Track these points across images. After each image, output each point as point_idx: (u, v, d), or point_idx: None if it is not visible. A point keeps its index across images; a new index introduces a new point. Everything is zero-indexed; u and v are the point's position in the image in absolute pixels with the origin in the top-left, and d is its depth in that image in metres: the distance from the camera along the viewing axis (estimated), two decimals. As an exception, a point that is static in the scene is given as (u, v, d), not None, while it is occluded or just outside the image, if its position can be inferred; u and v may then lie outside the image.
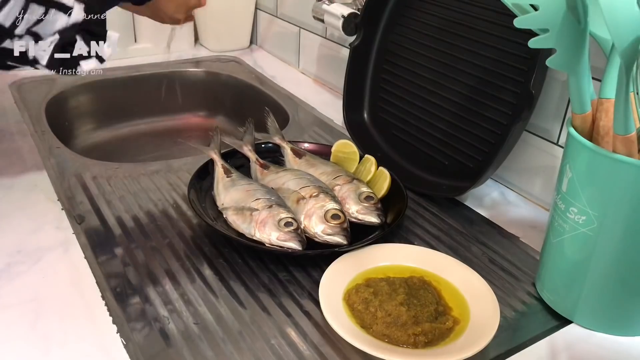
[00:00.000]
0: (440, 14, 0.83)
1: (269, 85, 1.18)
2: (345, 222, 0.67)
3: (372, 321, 0.57)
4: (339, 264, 0.64)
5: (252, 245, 0.66)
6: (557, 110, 0.75)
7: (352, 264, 0.64)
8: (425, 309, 0.57)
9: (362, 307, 0.58)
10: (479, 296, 0.61)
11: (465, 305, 0.60)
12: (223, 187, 0.74)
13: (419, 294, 0.60)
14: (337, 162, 0.82)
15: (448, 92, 0.82)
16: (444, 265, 0.65)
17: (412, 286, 0.61)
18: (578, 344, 0.57)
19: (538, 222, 0.76)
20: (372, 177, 0.77)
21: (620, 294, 0.57)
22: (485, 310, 0.58)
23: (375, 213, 0.70)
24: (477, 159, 0.78)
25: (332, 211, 0.67)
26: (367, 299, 0.58)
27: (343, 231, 0.66)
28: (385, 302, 0.58)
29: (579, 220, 0.55)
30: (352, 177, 0.75)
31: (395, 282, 0.61)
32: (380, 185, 0.75)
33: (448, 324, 0.57)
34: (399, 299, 0.58)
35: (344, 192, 0.72)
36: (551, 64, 0.52)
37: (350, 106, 0.95)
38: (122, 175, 0.81)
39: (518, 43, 0.73)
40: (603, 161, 0.52)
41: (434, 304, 0.59)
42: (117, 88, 1.18)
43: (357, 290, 0.60)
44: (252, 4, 1.35)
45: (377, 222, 0.69)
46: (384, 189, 0.75)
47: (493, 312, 0.58)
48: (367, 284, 0.61)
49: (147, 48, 1.30)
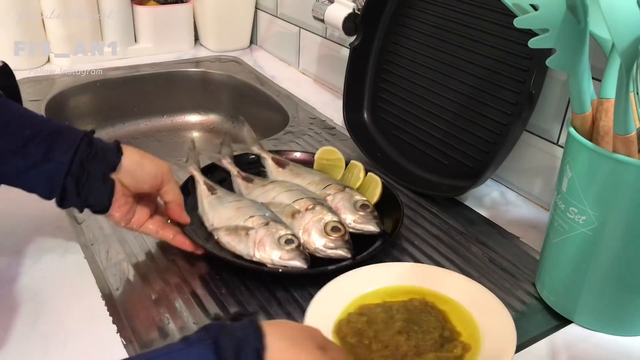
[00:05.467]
0: (440, 14, 0.83)
1: (269, 85, 1.18)
2: (346, 234, 0.64)
3: (367, 355, 0.50)
4: (328, 291, 0.57)
5: (253, 267, 0.62)
6: (557, 110, 0.75)
7: (342, 290, 0.58)
8: (428, 336, 0.51)
9: (354, 340, 0.52)
10: (490, 316, 0.54)
11: (475, 327, 0.54)
12: (209, 205, 0.69)
13: (420, 319, 0.54)
14: (321, 170, 0.78)
15: (448, 92, 0.82)
16: (450, 283, 0.59)
17: (412, 310, 0.55)
18: (578, 344, 0.57)
19: (538, 222, 0.76)
20: (361, 183, 0.75)
21: (620, 294, 0.57)
22: (499, 332, 0.52)
23: (373, 222, 0.67)
24: (477, 159, 0.78)
25: (332, 223, 0.64)
26: (360, 329, 0.52)
27: (345, 244, 0.63)
28: (381, 332, 0.52)
29: (579, 220, 0.55)
30: (343, 185, 0.72)
31: (393, 307, 0.55)
32: (372, 192, 0.73)
33: (456, 352, 0.51)
34: (396, 326, 0.52)
35: (338, 202, 0.69)
36: (551, 64, 0.52)
37: (350, 106, 0.95)
38: (122, 175, 0.81)
39: (518, 43, 0.73)
40: (603, 161, 0.52)
41: (438, 329, 0.53)
42: (117, 88, 1.18)
43: (348, 321, 0.54)
44: (252, 4, 1.35)
45: (376, 230, 0.67)
46: (376, 195, 0.72)
47: (508, 333, 0.51)
48: (360, 312, 0.55)
49: (147, 48, 1.30)
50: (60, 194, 0.57)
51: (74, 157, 0.56)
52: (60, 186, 0.56)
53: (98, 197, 0.58)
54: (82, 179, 0.57)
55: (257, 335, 0.39)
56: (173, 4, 1.31)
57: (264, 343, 0.39)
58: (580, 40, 0.51)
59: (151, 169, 0.61)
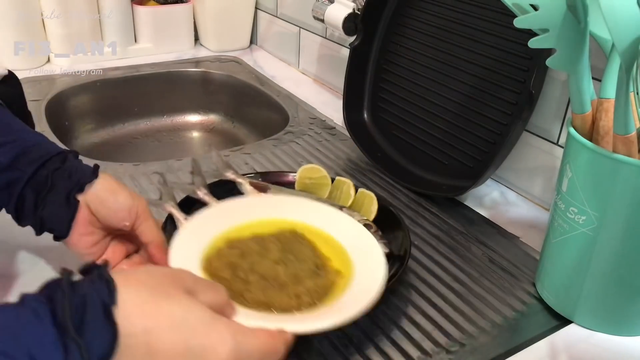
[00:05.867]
0: (440, 14, 0.83)
1: (269, 85, 1.18)
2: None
3: (244, 288, 0.47)
4: (191, 228, 0.54)
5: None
6: (557, 110, 0.75)
7: (206, 226, 0.54)
8: (304, 264, 0.50)
9: (228, 274, 0.49)
10: (359, 243, 0.54)
11: (345, 254, 0.54)
12: None
13: (294, 249, 0.52)
14: (305, 191, 0.71)
15: (448, 92, 0.82)
16: (316, 214, 0.58)
17: (284, 241, 0.53)
18: (578, 344, 0.57)
19: (538, 222, 0.76)
20: (353, 201, 0.70)
21: (620, 294, 0.57)
22: (369, 257, 0.52)
23: (381, 242, 0.61)
24: (477, 159, 0.78)
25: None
26: (234, 262, 0.49)
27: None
28: (257, 263, 0.49)
29: (579, 220, 0.55)
30: (339, 206, 0.67)
31: (265, 238, 0.53)
32: (367, 209, 0.68)
33: (331, 277, 0.51)
34: (272, 257, 0.50)
35: None
36: (551, 64, 0.52)
37: (350, 106, 0.95)
38: (122, 175, 0.81)
39: (518, 43, 0.73)
40: (603, 161, 0.52)
41: (312, 257, 0.52)
42: (117, 88, 1.17)
43: (219, 255, 0.50)
44: (252, 4, 1.35)
45: (385, 251, 0.61)
46: (372, 213, 0.68)
47: (377, 258, 0.52)
48: (230, 246, 0.52)
49: (147, 48, 1.30)
50: (16, 204, 0.52)
51: (40, 169, 0.52)
52: (17, 195, 0.51)
53: (56, 217, 0.52)
54: (43, 192, 0.51)
55: (107, 288, 0.34)
56: (173, 4, 1.31)
57: (114, 297, 0.34)
58: (580, 40, 0.51)
59: (125, 202, 0.54)
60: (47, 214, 0.52)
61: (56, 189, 0.52)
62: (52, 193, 0.52)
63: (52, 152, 0.53)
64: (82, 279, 0.35)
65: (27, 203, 0.52)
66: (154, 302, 0.35)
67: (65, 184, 0.52)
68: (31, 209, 0.52)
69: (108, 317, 0.33)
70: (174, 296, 0.37)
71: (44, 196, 0.52)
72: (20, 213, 0.53)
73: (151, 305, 0.35)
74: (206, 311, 0.38)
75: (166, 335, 0.35)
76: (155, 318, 0.35)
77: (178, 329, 0.35)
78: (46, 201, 0.52)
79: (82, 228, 0.53)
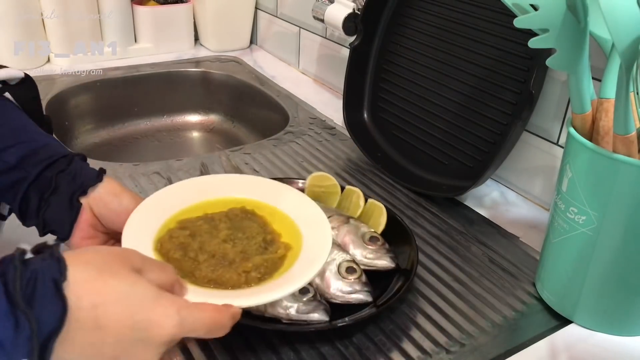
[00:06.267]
0: (440, 14, 0.83)
1: (269, 85, 1.18)
2: (363, 275, 0.58)
3: (194, 267, 0.49)
4: (143, 210, 0.54)
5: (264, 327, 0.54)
6: (557, 110, 0.75)
7: (158, 207, 0.55)
8: (252, 241, 0.51)
9: (179, 255, 0.49)
10: (308, 216, 0.55)
11: (294, 228, 0.54)
12: None
13: (243, 226, 0.53)
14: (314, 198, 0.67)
15: (448, 92, 0.82)
16: (267, 192, 0.59)
17: (234, 218, 0.54)
18: (578, 344, 0.57)
19: (538, 222, 0.76)
20: (362, 211, 0.68)
21: (620, 294, 0.57)
22: (317, 229, 0.53)
23: (387, 256, 0.61)
24: (477, 159, 0.78)
25: (346, 264, 0.58)
26: (184, 243, 0.50)
27: (364, 286, 0.57)
28: (206, 243, 0.50)
29: (579, 220, 0.55)
30: (346, 216, 0.65)
31: (215, 217, 0.54)
32: (376, 220, 0.66)
33: (280, 252, 0.51)
34: (221, 235, 0.51)
35: (344, 236, 0.63)
36: (551, 64, 0.52)
37: (350, 106, 0.95)
38: (122, 175, 0.81)
39: (518, 43, 0.73)
40: (603, 161, 0.52)
41: (261, 233, 0.53)
42: (117, 88, 1.18)
43: (170, 237, 0.51)
44: (252, 4, 1.35)
45: (391, 265, 0.61)
46: (381, 225, 0.66)
47: (324, 230, 0.53)
48: (181, 227, 0.53)
49: (147, 48, 1.30)
50: (20, 204, 0.52)
51: (45, 170, 0.52)
52: (21, 195, 0.52)
53: (59, 218, 0.53)
54: (47, 193, 0.52)
55: (57, 265, 0.36)
56: (173, 4, 1.31)
57: (64, 274, 0.35)
58: (580, 40, 0.51)
59: (129, 204, 0.54)
60: (50, 216, 0.53)
61: (59, 190, 0.52)
62: (55, 195, 0.52)
63: (59, 154, 0.54)
64: (34, 257, 0.37)
65: (31, 204, 0.52)
66: (101, 279, 0.37)
67: (69, 186, 0.53)
68: (34, 209, 0.53)
69: (58, 292, 0.35)
70: (120, 273, 0.38)
71: (47, 198, 0.52)
72: (25, 213, 0.53)
73: (99, 282, 0.37)
74: (151, 287, 0.39)
75: (113, 309, 0.36)
76: (103, 294, 0.36)
77: (124, 303, 0.37)
78: (49, 203, 0.52)
79: (84, 231, 0.53)
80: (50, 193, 0.52)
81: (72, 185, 0.53)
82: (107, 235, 0.56)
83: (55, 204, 0.53)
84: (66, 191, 0.53)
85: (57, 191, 0.53)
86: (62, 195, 0.53)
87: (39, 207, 0.53)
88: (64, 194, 0.53)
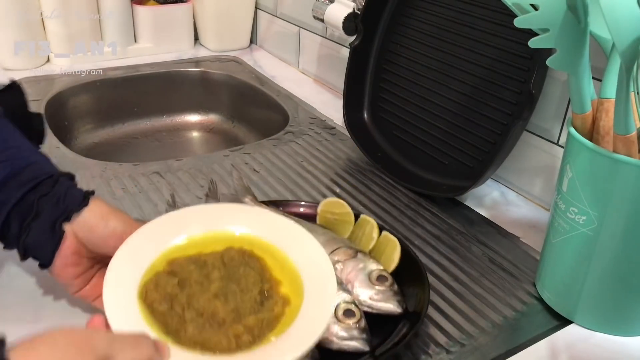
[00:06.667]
0: (440, 14, 0.83)
1: (269, 85, 1.18)
2: (362, 320, 0.51)
3: (180, 326, 0.43)
4: (130, 247, 0.49)
5: None
6: (557, 110, 0.75)
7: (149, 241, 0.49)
8: (247, 295, 0.46)
9: (165, 308, 0.44)
10: (312, 264, 0.49)
11: (295, 275, 0.49)
12: None
13: (238, 275, 0.48)
14: (326, 226, 0.66)
15: (448, 92, 0.82)
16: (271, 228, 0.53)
17: (229, 264, 0.49)
18: (578, 344, 0.57)
19: (538, 222, 0.76)
20: (374, 245, 0.62)
21: (620, 294, 0.57)
22: (321, 282, 0.47)
23: (394, 299, 0.54)
24: (477, 158, 0.78)
25: (344, 306, 0.52)
26: (171, 294, 0.45)
27: (362, 333, 0.51)
28: (195, 297, 0.45)
29: (579, 220, 0.55)
30: (355, 249, 0.60)
31: (208, 262, 0.49)
32: (389, 256, 0.60)
33: (277, 310, 0.46)
34: (212, 288, 0.46)
35: (349, 273, 0.57)
36: (551, 63, 0.52)
37: (350, 106, 0.95)
38: (122, 176, 0.81)
39: (518, 43, 0.73)
40: (603, 161, 0.52)
41: (258, 284, 0.47)
42: (117, 88, 1.17)
43: (157, 284, 0.46)
44: (252, 3, 1.35)
45: (397, 311, 0.54)
46: (394, 262, 0.59)
47: (329, 284, 0.47)
48: (170, 271, 0.47)
49: (147, 48, 1.30)
50: (2, 229, 0.49)
51: (28, 193, 0.49)
52: (2, 220, 0.49)
53: (40, 245, 0.50)
54: (28, 219, 0.49)
55: None
56: (173, 3, 1.31)
57: None
58: (580, 40, 0.51)
59: (116, 227, 0.51)
60: (31, 242, 0.50)
61: (42, 216, 0.50)
62: (36, 221, 0.50)
63: (44, 174, 0.51)
64: None
65: (12, 229, 0.50)
66: None
67: (52, 211, 0.50)
68: (15, 235, 0.50)
69: None
70: None
71: (29, 223, 0.49)
72: (5, 238, 0.51)
73: None
74: None
75: None
76: None
77: None
78: (30, 228, 0.49)
79: (67, 258, 0.51)
80: (31, 219, 0.49)
81: (56, 210, 0.50)
82: (92, 260, 0.53)
83: (36, 230, 0.49)
84: (49, 217, 0.50)
85: (39, 217, 0.50)
86: (44, 221, 0.50)
87: (19, 233, 0.50)
88: (46, 220, 0.50)
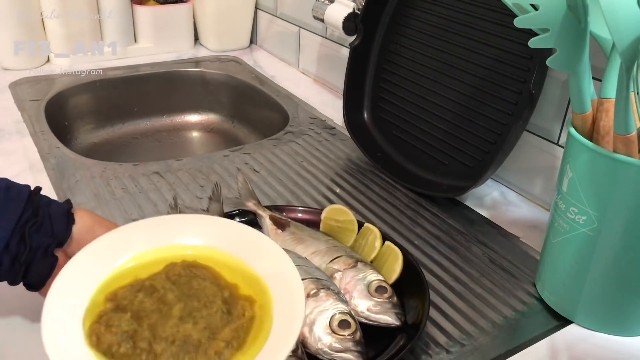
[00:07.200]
0: (440, 14, 0.83)
1: (269, 85, 1.18)
2: (358, 332, 0.50)
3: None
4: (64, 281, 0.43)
5: None
6: (557, 110, 0.75)
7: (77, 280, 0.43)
8: (212, 308, 0.42)
9: (127, 349, 0.39)
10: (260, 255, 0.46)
11: (248, 273, 0.45)
12: None
13: (193, 290, 0.43)
14: (329, 233, 0.66)
15: (448, 92, 0.82)
16: (204, 232, 0.48)
17: (180, 282, 0.44)
18: (578, 344, 0.57)
19: (538, 222, 0.76)
20: (376, 255, 0.62)
21: (620, 294, 0.57)
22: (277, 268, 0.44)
23: (392, 312, 0.53)
24: (477, 158, 0.78)
25: (340, 317, 0.50)
26: (129, 331, 0.40)
27: (357, 345, 0.49)
28: (159, 326, 0.40)
29: (579, 220, 0.55)
30: (355, 258, 0.59)
31: (156, 286, 0.43)
32: (390, 267, 0.59)
33: (248, 314, 0.42)
34: (175, 312, 0.41)
35: (348, 282, 0.56)
36: (551, 64, 0.52)
37: (350, 106, 0.95)
38: (122, 176, 0.81)
39: (518, 43, 0.73)
40: (603, 161, 0.52)
41: (217, 293, 0.43)
42: (117, 88, 1.17)
43: (107, 325, 0.40)
44: (252, 3, 1.35)
45: (395, 323, 0.53)
46: (395, 273, 0.59)
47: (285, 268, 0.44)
48: (116, 307, 0.42)
49: (147, 48, 1.30)
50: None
51: (14, 229, 0.47)
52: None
53: (37, 274, 0.49)
54: (22, 256, 0.48)
55: None
56: (173, 3, 1.31)
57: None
58: (580, 40, 0.51)
59: None
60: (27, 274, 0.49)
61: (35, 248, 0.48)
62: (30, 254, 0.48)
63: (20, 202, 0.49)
64: None
65: (4, 267, 0.48)
66: None
67: (44, 240, 0.49)
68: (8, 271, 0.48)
69: None
70: None
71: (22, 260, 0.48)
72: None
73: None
74: None
75: None
76: None
77: None
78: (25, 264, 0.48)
79: None
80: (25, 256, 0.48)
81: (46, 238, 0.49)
82: None
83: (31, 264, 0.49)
84: (41, 247, 0.49)
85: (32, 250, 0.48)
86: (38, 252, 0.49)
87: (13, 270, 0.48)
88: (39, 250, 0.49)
